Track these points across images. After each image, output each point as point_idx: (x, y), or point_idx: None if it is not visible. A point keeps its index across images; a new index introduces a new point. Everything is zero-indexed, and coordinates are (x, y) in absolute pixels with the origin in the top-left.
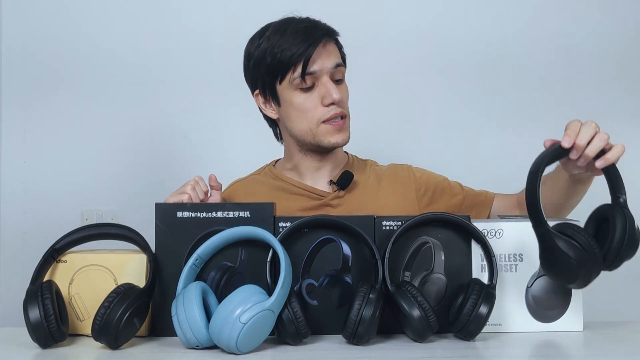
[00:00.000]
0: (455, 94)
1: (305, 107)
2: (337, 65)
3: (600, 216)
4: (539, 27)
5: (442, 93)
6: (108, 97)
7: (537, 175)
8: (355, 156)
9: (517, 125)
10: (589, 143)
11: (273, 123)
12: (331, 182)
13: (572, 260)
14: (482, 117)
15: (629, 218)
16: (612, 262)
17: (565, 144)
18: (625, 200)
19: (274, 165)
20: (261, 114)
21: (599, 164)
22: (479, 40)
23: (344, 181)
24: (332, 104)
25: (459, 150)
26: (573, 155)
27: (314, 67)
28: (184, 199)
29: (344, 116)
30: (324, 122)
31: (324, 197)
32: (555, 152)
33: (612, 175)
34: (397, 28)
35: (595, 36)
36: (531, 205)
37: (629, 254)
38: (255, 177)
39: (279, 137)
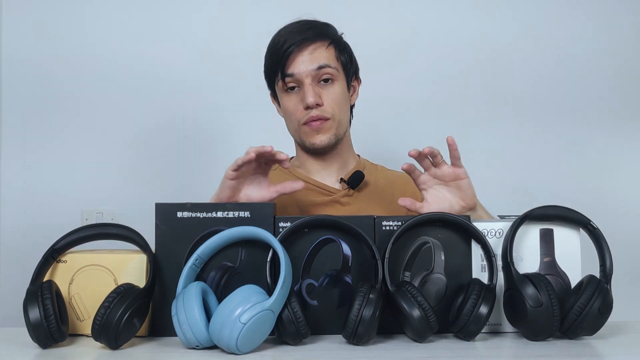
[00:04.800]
0: (457, 97)
1: (289, 109)
2: (321, 67)
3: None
4: (540, 33)
5: (443, 97)
6: (108, 98)
7: (513, 231)
8: (367, 160)
9: (516, 127)
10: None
11: None
12: (342, 180)
13: (525, 300)
14: (483, 119)
15: (601, 293)
16: (568, 328)
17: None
18: (608, 275)
19: None
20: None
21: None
22: (482, 45)
23: (354, 180)
24: (308, 107)
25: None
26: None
27: (290, 70)
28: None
29: (324, 119)
30: (303, 123)
31: (333, 193)
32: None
33: (599, 247)
34: (399, 30)
35: (593, 43)
36: (503, 249)
37: (587, 327)
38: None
39: None
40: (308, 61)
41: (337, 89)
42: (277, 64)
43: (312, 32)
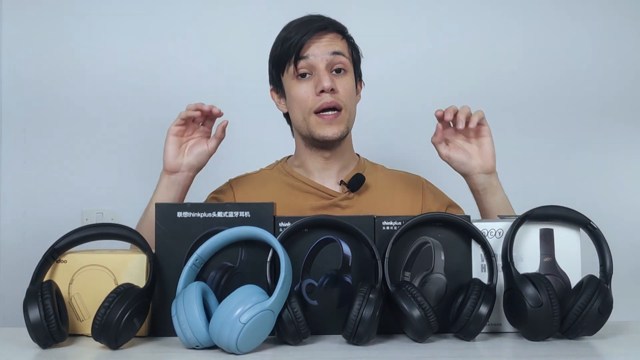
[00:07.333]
0: (457, 98)
1: (300, 96)
2: (335, 53)
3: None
4: (539, 37)
5: (444, 98)
6: (108, 98)
7: (513, 231)
8: (366, 159)
9: (516, 128)
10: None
11: (288, 119)
12: (342, 182)
13: (525, 300)
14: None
15: (601, 293)
16: (568, 328)
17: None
18: (608, 275)
19: (285, 162)
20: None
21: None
22: (482, 49)
23: (355, 184)
24: (323, 91)
25: None
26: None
27: (306, 52)
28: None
29: (338, 108)
30: (315, 112)
31: (333, 196)
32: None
33: (599, 247)
34: (400, 31)
35: (592, 46)
36: (503, 249)
37: (587, 327)
38: (266, 172)
39: (292, 133)
40: (324, 46)
41: (349, 80)
42: (290, 49)
43: (327, 22)
